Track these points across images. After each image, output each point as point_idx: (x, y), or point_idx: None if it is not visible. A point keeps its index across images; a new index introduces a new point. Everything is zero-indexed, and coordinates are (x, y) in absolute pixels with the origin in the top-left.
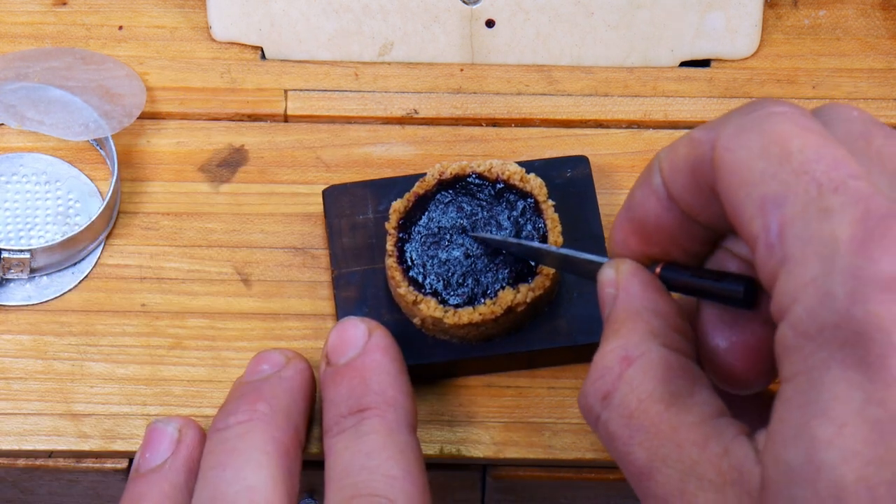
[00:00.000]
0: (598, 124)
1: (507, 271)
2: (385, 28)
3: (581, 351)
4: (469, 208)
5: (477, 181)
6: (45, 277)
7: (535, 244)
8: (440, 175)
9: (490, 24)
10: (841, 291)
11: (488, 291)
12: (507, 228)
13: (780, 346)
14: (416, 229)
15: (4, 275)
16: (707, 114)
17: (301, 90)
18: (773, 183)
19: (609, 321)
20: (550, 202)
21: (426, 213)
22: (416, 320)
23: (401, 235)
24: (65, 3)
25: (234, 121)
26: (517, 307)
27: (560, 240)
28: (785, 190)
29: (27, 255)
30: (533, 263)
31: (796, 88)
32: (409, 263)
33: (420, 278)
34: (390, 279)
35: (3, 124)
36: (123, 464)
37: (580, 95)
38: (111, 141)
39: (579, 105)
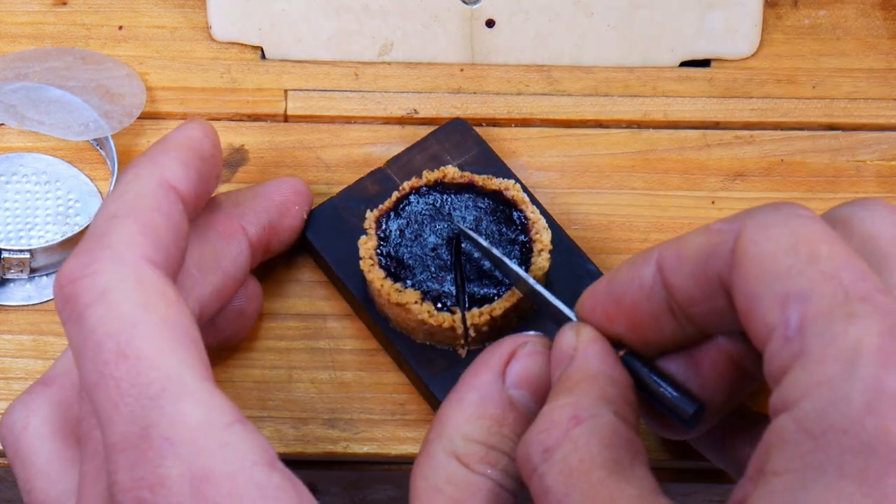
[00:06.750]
0: (598, 124)
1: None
2: (385, 28)
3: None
4: (442, 223)
5: (438, 192)
6: (45, 277)
7: (515, 268)
8: (398, 197)
9: (490, 24)
10: (858, 399)
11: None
12: (492, 231)
13: (777, 436)
14: (391, 248)
15: (4, 275)
16: (707, 114)
17: (301, 90)
18: (800, 280)
19: (561, 379)
20: (523, 194)
21: (401, 229)
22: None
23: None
24: (65, 3)
25: (234, 121)
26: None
27: (546, 231)
28: (810, 288)
29: (27, 255)
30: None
31: (796, 88)
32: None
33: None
34: (376, 296)
35: (3, 124)
36: None
37: (580, 95)
38: (111, 141)
39: (579, 105)
